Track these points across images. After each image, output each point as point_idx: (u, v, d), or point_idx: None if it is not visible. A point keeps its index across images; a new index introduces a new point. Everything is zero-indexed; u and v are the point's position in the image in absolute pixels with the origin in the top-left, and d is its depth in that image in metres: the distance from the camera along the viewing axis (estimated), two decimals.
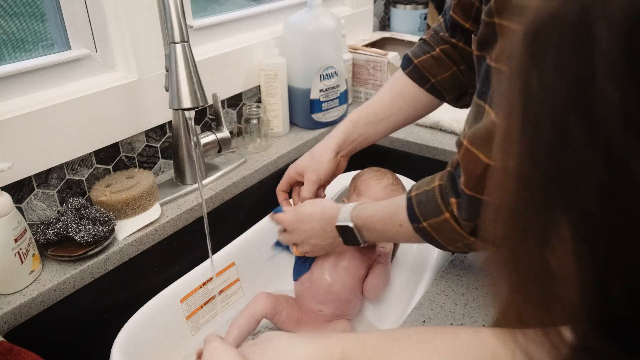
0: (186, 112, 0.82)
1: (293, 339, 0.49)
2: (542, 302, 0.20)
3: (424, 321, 0.66)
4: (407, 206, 0.65)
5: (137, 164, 0.98)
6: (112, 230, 0.81)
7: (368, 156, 1.08)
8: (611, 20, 0.16)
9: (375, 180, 0.87)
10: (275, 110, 1.15)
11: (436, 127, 1.18)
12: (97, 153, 0.90)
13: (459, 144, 0.57)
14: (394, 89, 0.85)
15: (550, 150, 0.18)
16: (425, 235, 0.64)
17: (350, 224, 0.71)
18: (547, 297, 0.20)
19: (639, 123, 0.16)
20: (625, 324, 0.18)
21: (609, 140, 0.16)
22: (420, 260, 0.85)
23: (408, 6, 1.59)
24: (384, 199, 0.84)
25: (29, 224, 0.76)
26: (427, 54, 0.82)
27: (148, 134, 0.98)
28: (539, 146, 0.18)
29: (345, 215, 0.72)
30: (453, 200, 0.60)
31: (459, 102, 0.85)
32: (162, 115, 0.98)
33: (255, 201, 1.05)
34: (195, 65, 0.75)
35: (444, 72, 0.81)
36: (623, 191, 0.16)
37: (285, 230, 0.82)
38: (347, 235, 0.73)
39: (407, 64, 0.84)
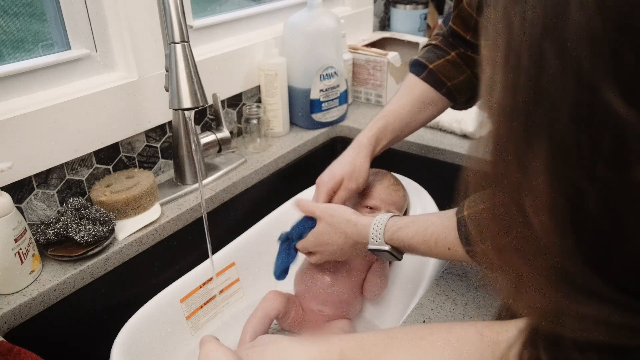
0: (186, 112, 0.82)
1: (292, 342, 0.49)
2: (520, 225, 0.22)
3: (424, 321, 0.66)
4: (459, 227, 0.60)
5: (137, 164, 0.98)
6: (112, 230, 0.81)
7: None
8: None
9: (377, 181, 0.88)
10: (275, 110, 1.15)
11: (436, 127, 1.18)
12: (97, 153, 0.90)
13: None
14: (414, 94, 0.85)
15: (529, 78, 0.20)
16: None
17: (387, 248, 0.67)
18: (524, 221, 0.21)
19: (604, 47, 0.18)
20: (601, 245, 0.20)
21: (579, 65, 0.18)
22: (420, 260, 0.85)
23: (408, 6, 1.59)
24: (386, 198, 0.85)
25: (29, 224, 0.76)
26: (442, 59, 0.84)
27: (148, 134, 0.98)
28: (519, 76, 0.20)
29: (378, 236, 0.68)
30: None
31: (468, 103, 0.87)
32: (162, 115, 0.98)
33: (255, 201, 1.05)
34: (195, 65, 0.75)
35: (460, 75, 0.83)
36: (592, 109, 0.18)
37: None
38: (385, 255, 0.69)
39: (421, 70, 0.85)
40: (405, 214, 0.91)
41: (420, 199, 0.94)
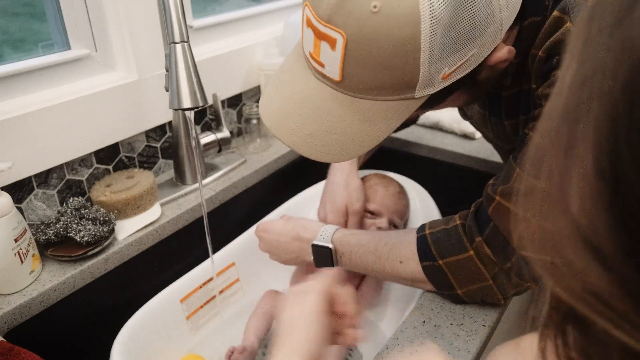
0: (186, 112, 0.82)
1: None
2: (562, 206, 0.24)
3: (424, 321, 0.66)
4: (420, 243, 0.65)
5: (137, 164, 0.98)
6: (112, 230, 0.81)
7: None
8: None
9: (383, 187, 0.87)
10: None
11: (436, 127, 1.18)
12: (97, 153, 0.90)
13: (490, 199, 0.60)
14: None
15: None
16: (436, 274, 0.64)
17: (330, 246, 0.69)
18: (566, 202, 0.24)
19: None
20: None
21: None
22: None
23: None
24: (391, 206, 0.85)
25: (29, 224, 0.76)
26: None
27: (148, 134, 0.98)
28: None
29: (327, 234, 0.71)
30: (479, 239, 0.60)
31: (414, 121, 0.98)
32: (162, 115, 0.98)
33: (255, 201, 1.05)
34: (195, 65, 0.75)
35: None
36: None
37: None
38: (321, 256, 0.71)
39: None
40: (405, 222, 0.91)
41: (420, 200, 0.94)
